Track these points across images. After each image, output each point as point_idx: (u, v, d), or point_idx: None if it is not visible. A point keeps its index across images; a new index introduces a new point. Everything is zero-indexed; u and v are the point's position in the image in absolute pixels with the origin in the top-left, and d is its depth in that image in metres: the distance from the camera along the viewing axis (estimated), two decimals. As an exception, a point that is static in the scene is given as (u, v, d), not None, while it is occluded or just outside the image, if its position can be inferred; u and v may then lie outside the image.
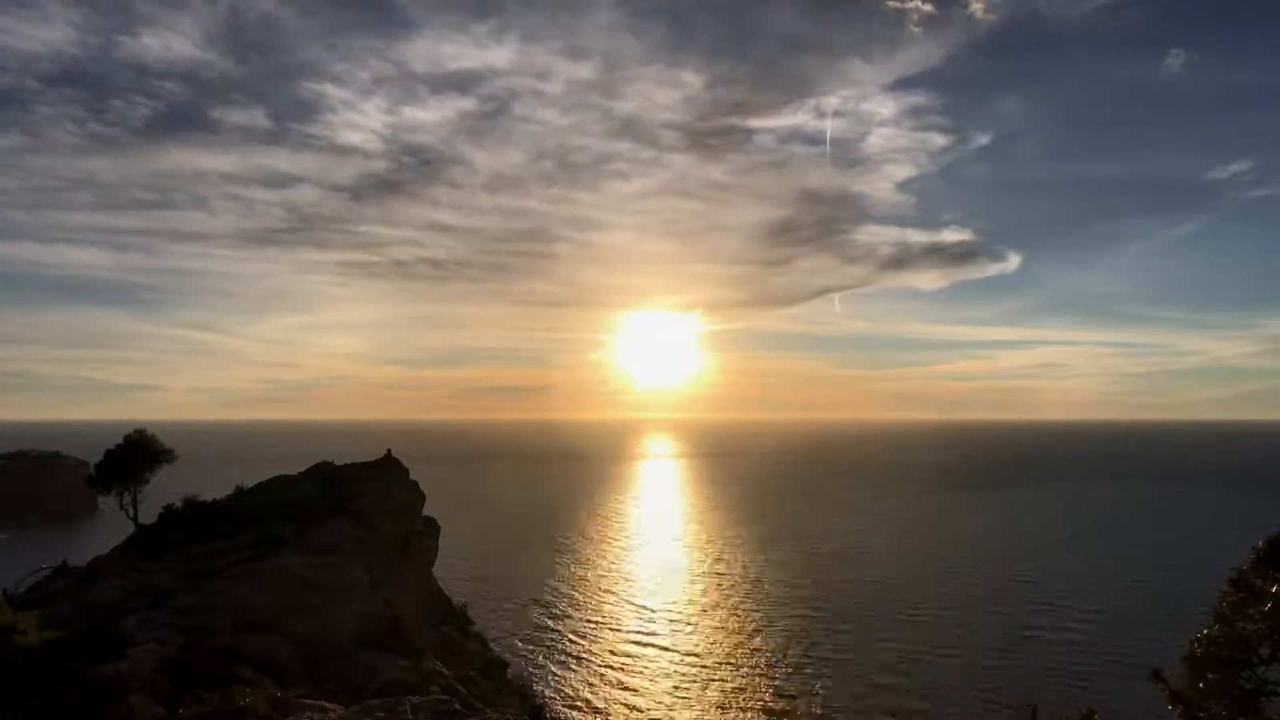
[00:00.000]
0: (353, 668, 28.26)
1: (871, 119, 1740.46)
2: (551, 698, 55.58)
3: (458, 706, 20.59)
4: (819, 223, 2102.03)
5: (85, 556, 46.03)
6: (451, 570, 79.93)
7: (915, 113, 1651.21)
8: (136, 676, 21.41)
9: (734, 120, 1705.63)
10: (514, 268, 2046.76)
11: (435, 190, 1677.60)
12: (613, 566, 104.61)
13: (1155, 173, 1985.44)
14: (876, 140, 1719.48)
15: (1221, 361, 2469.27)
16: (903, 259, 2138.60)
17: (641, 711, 54.78)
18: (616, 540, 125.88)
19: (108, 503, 49.71)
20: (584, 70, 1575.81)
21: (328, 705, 19.01)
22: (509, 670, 49.55)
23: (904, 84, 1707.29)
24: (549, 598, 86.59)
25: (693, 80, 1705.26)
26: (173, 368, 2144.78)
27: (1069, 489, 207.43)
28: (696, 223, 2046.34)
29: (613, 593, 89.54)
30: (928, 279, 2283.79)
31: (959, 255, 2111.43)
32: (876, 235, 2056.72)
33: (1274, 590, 15.77)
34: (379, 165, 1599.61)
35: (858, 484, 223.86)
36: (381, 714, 18.02)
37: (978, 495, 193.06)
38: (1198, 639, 17.33)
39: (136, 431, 49.05)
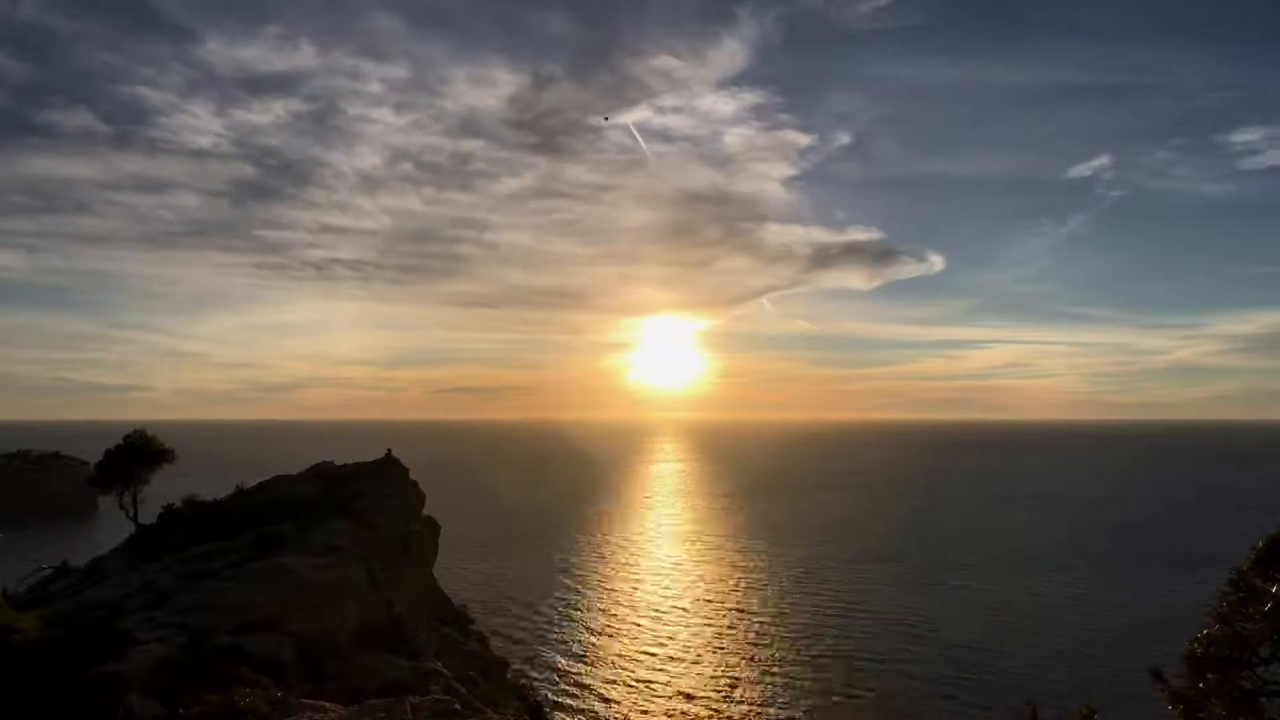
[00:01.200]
0: (353, 668, 28.27)
1: (712, 117, 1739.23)
2: (551, 698, 55.59)
3: (458, 706, 20.59)
4: (720, 223, 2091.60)
5: (85, 556, 46.03)
6: (451, 570, 79.96)
7: (759, 112, 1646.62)
8: (136, 676, 21.41)
9: (576, 118, 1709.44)
10: (430, 269, 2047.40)
11: (311, 193, 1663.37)
12: (613, 566, 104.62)
13: (1017, 172, 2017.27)
14: (734, 140, 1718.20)
15: (1186, 361, 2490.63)
16: (825, 258, 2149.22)
17: (642, 711, 54.79)
18: (616, 539, 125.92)
19: (108, 503, 49.74)
20: (397, 70, 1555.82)
21: (328, 705, 19.00)
22: (509, 670, 49.57)
23: (733, 82, 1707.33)
24: (549, 597, 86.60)
25: (511, 80, 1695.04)
26: (144, 369, 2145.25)
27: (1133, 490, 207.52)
28: (595, 224, 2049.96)
29: (613, 592, 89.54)
30: (858, 279, 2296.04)
31: (879, 255, 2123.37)
32: (785, 235, 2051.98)
33: (1274, 590, 15.78)
34: (246, 170, 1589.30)
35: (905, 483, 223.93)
36: (381, 714, 18.01)
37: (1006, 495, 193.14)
38: (1198, 639, 17.33)
39: (136, 431, 49.06)
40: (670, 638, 71.65)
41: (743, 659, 65.38)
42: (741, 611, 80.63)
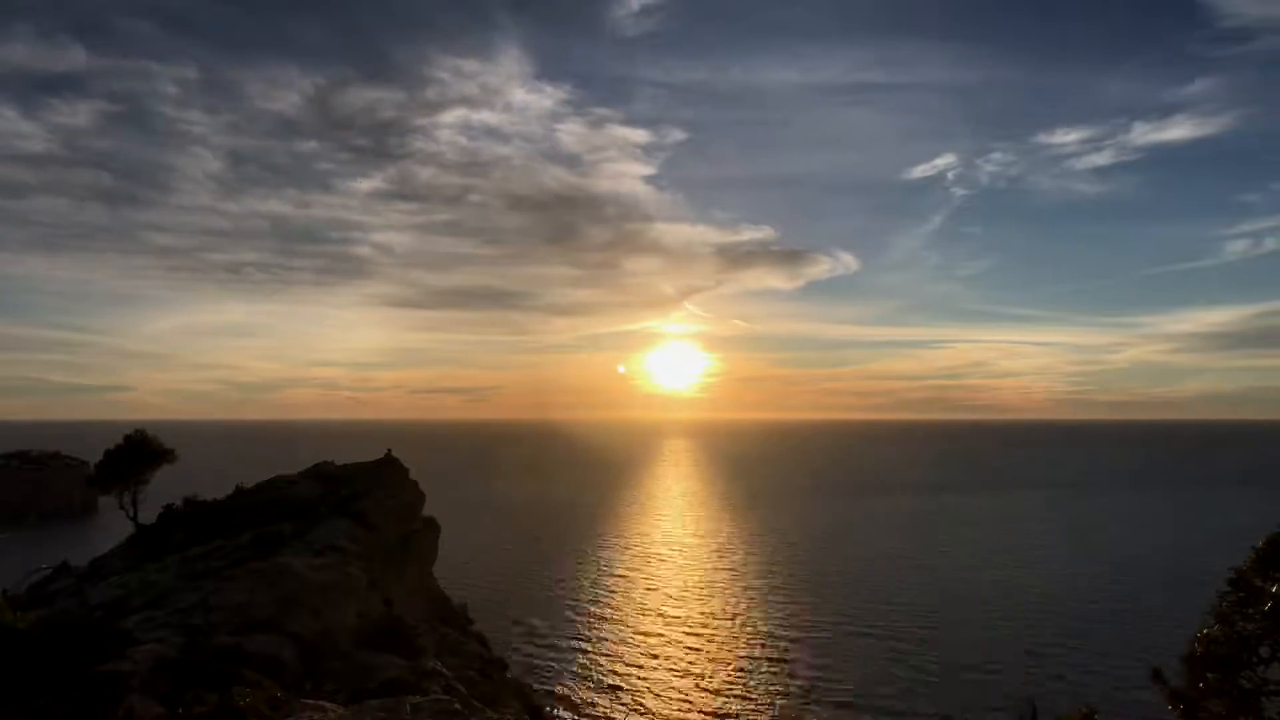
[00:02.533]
0: (353, 668, 28.25)
1: (531, 112, 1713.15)
2: (552, 698, 55.60)
3: (458, 706, 20.57)
4: (602, 224, 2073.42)
5: (85, 556, 46.08)
6: (451, 570, 79.98)
7: (575, 107, 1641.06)
8: (136, 676, 21.41)
9: (392, 119, 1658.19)
10: (343, 270, 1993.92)
11: (176, 196, 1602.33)
12: (614, 565, 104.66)
13: (861, 171, 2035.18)
14: (570, 139, 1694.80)
15: (1150, 361, 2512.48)
16: (737, 259, 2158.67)
17: (643, 710, 54.80)
18: (617, 539, 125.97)
19: (108, 503, 49.79)
20: (188, 71, 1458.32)
21: (328, 705, 18.98)
22: (509, 670, 49.60)
23: (535, 79, 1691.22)
24: (549, 597, 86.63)
25: (307, 81, 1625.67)
26: (111, 369, 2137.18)
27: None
28: (480, 225, 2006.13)
29: (613, 591, 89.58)
30: (779, 279, 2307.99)
31: (789, 255, 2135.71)
32: (677, 234, 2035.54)
33: (1274, 590, 15.78)
34: (95, 176, 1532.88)
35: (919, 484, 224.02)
36: (381, 714, 18.00)
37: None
38: (1198, 639, 17.33)
39: (137, 431, 49.20)
40: (671, 637, 71.68)
41: (743, 658, 65.38)
42: (742, 611, 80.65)
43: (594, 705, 55.65)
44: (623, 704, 55.86)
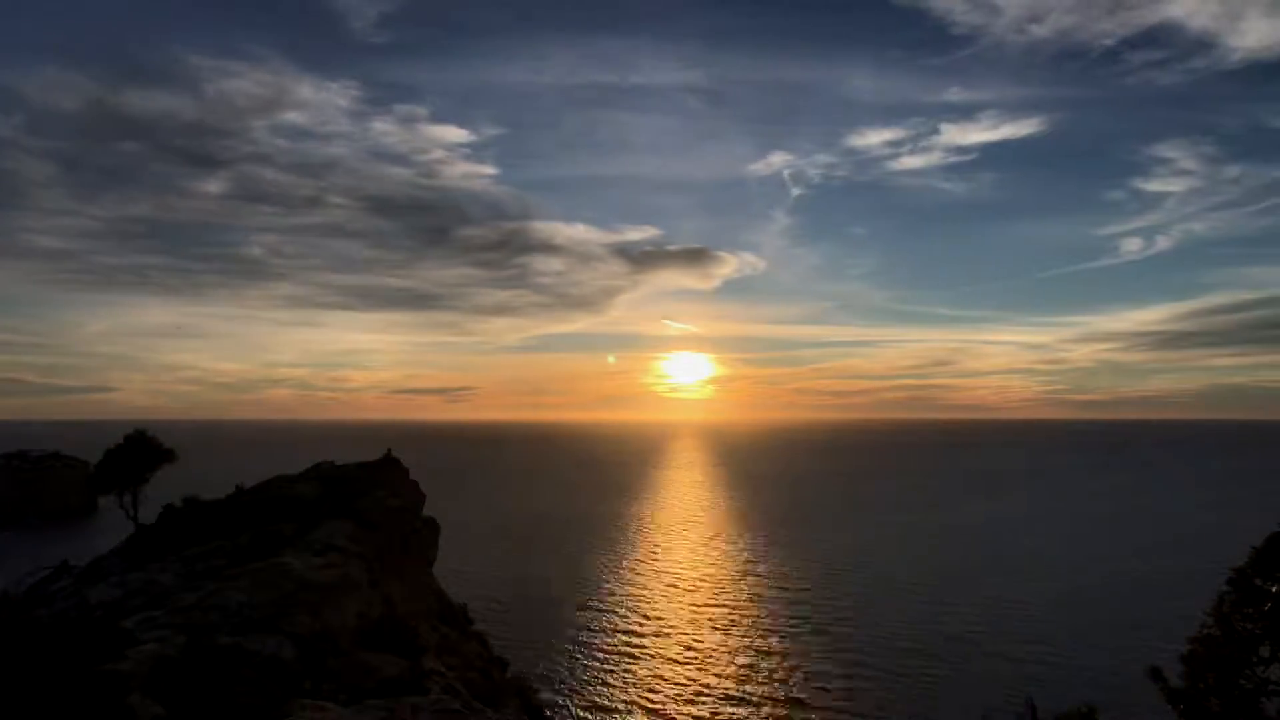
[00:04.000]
0: (353, 667, 28.22)
1: (330, 110, 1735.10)
2: (552, 698, 55.59)
3: (458, 706, 20.60)
4: (479, 223, 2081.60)
5: (85, 556, 46.06)
6: (451, 570, 79.96)
7: (374, 105, 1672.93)
8: (136, 676, 21.40)
9: (199, 121, 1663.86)
10: (245, 272, 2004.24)
11: (35, 200, 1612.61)
12: (614, 564, 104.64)
13: (700, 171, 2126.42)
14: (387, 139, 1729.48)
15: (1112, 359, 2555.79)
16: (645, 258, 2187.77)
17: (644, 711, 54.80)
18: (618, 539, 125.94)
19: (108, 503, 49.78)
20: None
21: (328, 705, 19.00)
22: (509, 670, 49.57)
23: (319, 79, 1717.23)
24: (549, 597, 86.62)
25: (85, 81, 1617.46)
26: (85, 369, 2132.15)
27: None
28: (357, 228, 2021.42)
29: (613, 591, 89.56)
30: (692, 278, 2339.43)
31: (692, 254, 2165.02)
32: (561, 234, 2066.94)
33: (1274, 590, 15.80)
34: None
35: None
36: (381, 714, 18.03)
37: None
38: (1198, 639, 17.35)
39: (137, 431, 49.18)
40: (672, 637, 71.68)
41: (742, 658, 65.38)
42: (744, 610, 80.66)
43: (594, 705, 55.65)
44: (623, 704, 55.86)
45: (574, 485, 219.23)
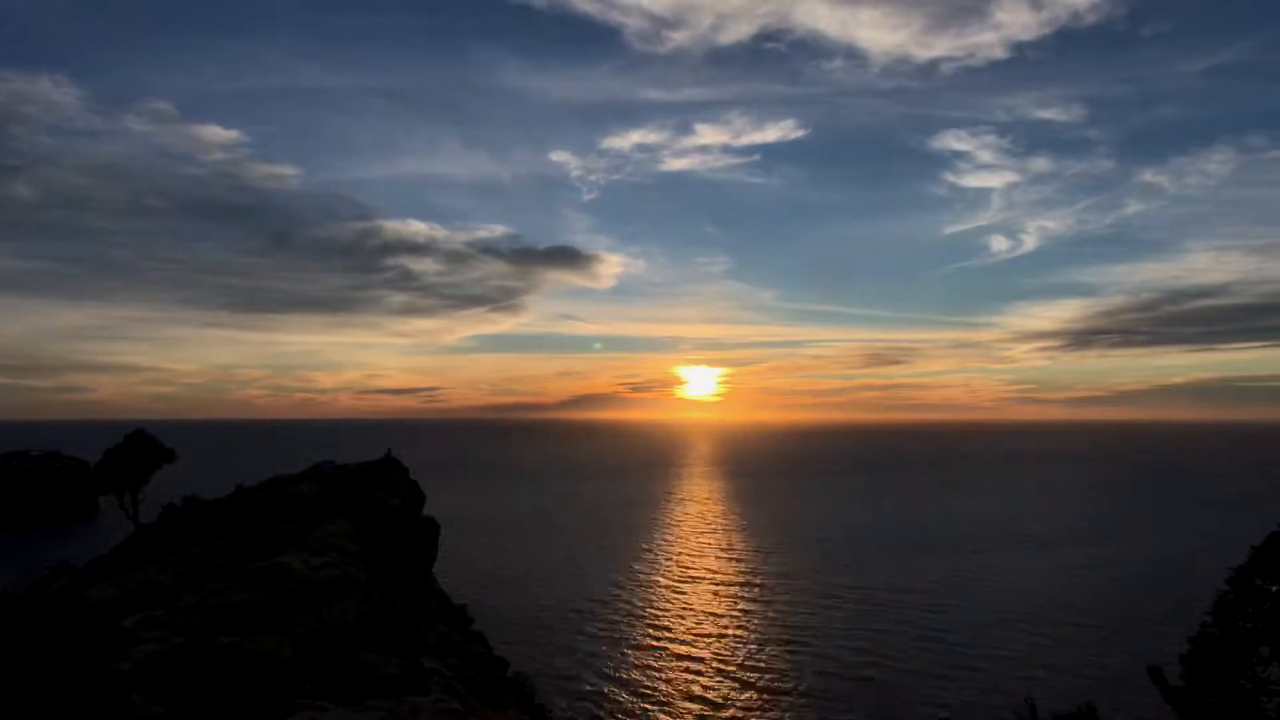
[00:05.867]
0: (353, 668, 28.23)
1: (68, 109, 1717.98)
2: (552, 698, 55.57)
3: (458, 706, 20.60)
4: (315, 224, 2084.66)
5: (85, 556, 46.08)
6: (451, 570, 79.99)
7: (107, 103, 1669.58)
8: (136, 676, 21.41)
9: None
10: (113, 273, 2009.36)
11: None
12: (614, 564, 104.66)
13: (468, 170, 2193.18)
14: (159, 139, 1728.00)
15: (1057, 358, 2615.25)
16: (527, 257, 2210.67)
17: (644, 710, 54.80)
18: (618, 538, 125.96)
19: (108, 503, 49.78)
20: None
21: (328, 705, 19.01)
22: (509, 670, 49.55)
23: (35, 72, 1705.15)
24: (549, 597, 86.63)
25: None
26: (55, 369, 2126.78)
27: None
28: (198, 233, 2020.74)
29: (614, 590, 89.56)
30: (581, 278, 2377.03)
31: (571, 255, 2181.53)
32: (420, 233, 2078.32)
33: (1274, 590, 15.80)
34: None
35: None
36: (381, 714, 18.02)
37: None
38: (1197, 638, 17.36)
39: (137, 432, 49.17)
40: (673, 637, 71.69)
41: (744, 658, 65.40)
42: (741, 608, 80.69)
43: (595, 705, 55.65)
44: (624, 704, 55.86)
45: (573, 485, 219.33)
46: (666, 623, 76.62)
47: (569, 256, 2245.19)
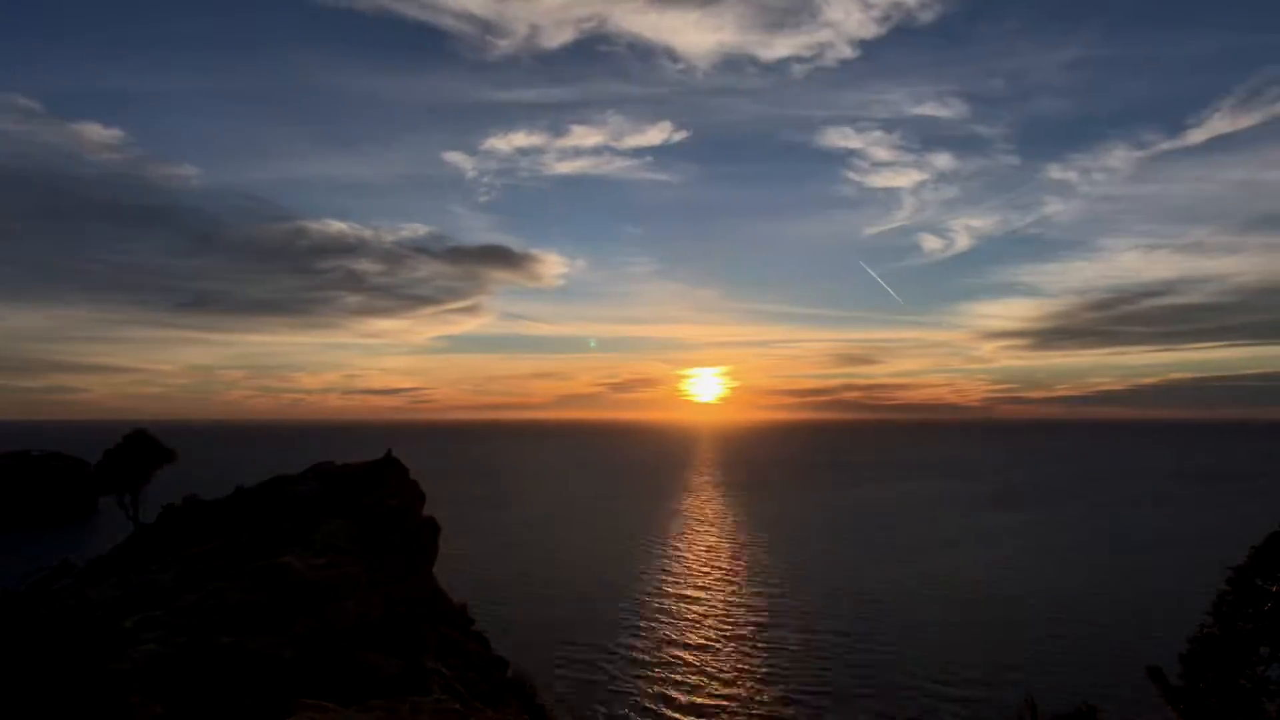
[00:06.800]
0: (353, 668, 28.24)
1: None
2: (552, 698, 55.57)
3: (458, 706, 20.60)
4: (232, 226, 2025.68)
5: (85, 556, 46.08)
6: (452, 570, 79.97)
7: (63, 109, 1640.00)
8: (136, 676, 21.41)
9: None
10: (55, 275, 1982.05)
11: None
12: (614, 564, 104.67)
13: (384, 170, 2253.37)
14: (54, 135, 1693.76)
15: (1033, 357, 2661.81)
16: (461, 257, 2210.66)
17: (645, 710, 54.80)
18: (618, 537, 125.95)
19: (108, 503, 49.81)
20: None
21: (328, 705, 19.01)
22: (509, 670, 49.56)
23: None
24: (549, 597, 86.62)
25: None
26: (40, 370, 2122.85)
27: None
28: (114, 237, 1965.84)
29: (615, 590, 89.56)
30: (521, 278, 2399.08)
31: (502, 255, 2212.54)
32: (345, 234, 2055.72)
33: (1274, 590, 15.79)
34: None
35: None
36: (381, 714, 18.03)
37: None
38: (1197, 638, 17.35)
39: (137, 431, 49.15)
40: (674, 635, 71.69)
41: (745, 657, 65.40)
42: (745, 608, 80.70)
43: (595, 705, 55.64)
44: (624, 704, 55.86)
45: (571, 485, 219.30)
46: (667, 623, 76.62)
47: (503, 256, 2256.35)
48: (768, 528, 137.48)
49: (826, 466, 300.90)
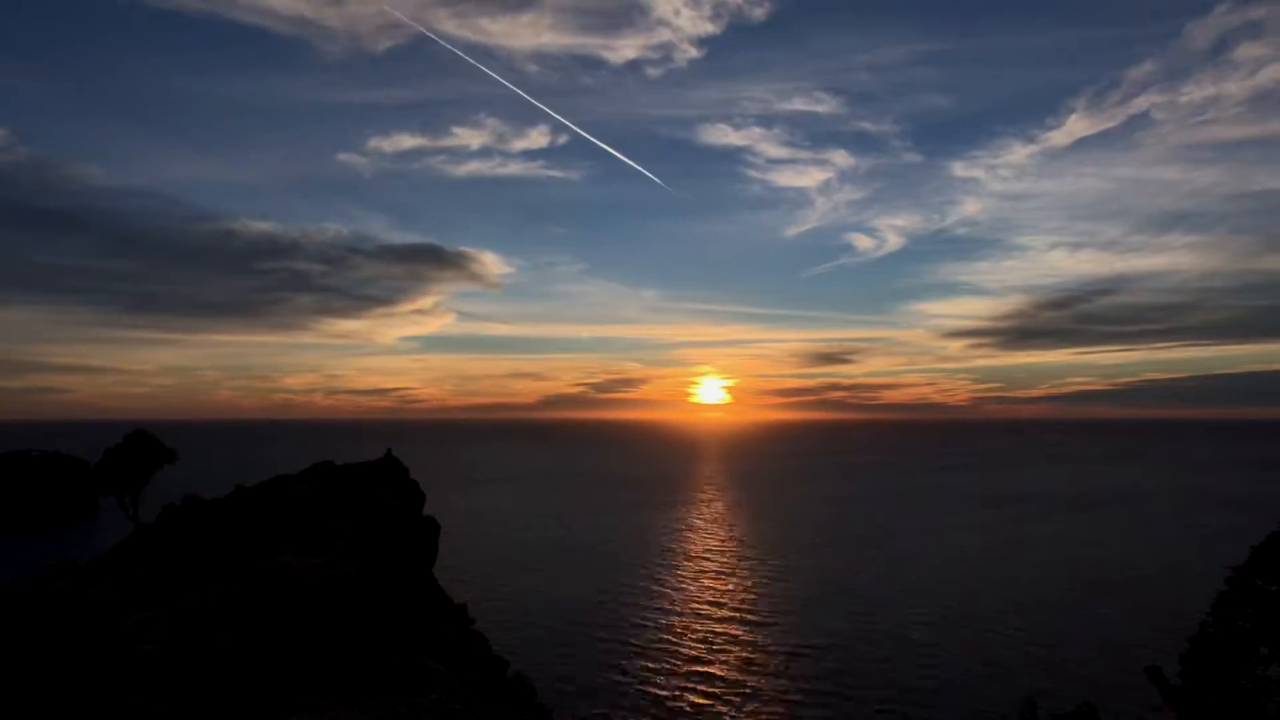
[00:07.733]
0: (353, 668, 28.24)
1: None
2: (552, 698, 55.59)
3: (457, 706, 20.60)
4: (192, 222, 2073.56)
5: (85, 556, 46.09)
6: (452, 570, 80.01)
7: None
8: (136, 676, 21.42)
9: None
10: (60, 270, 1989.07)
11: None
12: (615, 563, 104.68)
13: (305, 170, 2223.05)
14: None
15: (1008, 356, 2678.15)
16: (395, 258, 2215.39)
17: (646, 710, 54.81)
18: (619, 536, 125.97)
19: (108, 503, 49.81)
20: None
21: (328, 705, 19.01)
22: (509, 670, 49.57)
23: None
24: (549, 597, 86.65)
25: None
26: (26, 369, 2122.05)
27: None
28: (59, 242, 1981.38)
29: (615, 590, 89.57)
30: (462, 280, 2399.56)
31: (432, 255, 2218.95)
32: (277, 236, 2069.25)
33: (1274, 590, 15.79)
34: None
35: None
36: (381, 714, 18.03)
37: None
38: (1197, 638, 17.35)
39: (137, 431, 49.17)
40: (674, 636, 71.70)
41: (746, 657, 65.44)
42: (745, 608, 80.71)
43: (595, 705, 55.65)
44: (624, 704, 55.86)
45: (570, 484, 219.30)
46: (667, 623, 76.62)
47: (436, 255, 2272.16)
48: (770, 527, 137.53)
49: (863, 467, 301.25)
